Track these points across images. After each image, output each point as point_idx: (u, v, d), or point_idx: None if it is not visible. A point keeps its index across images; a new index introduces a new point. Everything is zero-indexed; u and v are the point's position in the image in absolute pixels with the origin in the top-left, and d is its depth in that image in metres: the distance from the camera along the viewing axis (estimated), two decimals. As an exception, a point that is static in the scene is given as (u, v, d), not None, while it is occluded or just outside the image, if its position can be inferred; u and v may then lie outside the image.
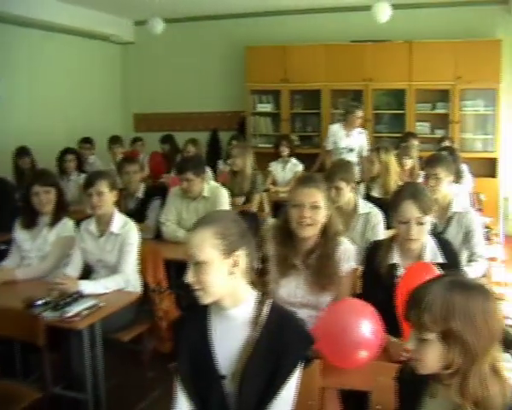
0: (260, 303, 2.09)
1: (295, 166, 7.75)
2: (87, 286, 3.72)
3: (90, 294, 3.64)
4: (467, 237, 4.09)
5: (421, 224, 2.94)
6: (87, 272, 4.20)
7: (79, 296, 3.55)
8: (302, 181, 3.14)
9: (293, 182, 7.26)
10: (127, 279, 3.98)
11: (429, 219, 3.00)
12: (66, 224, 4.30)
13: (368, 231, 4.18)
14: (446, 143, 7.16)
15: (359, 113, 7.59)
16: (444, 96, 8.69)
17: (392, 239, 3.12)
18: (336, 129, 7.72)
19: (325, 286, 3.00)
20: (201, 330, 2.14)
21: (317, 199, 2.99)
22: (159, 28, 9.00)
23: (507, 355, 2.60)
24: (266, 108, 9.60)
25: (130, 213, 5.31)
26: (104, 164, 8.00)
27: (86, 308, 3.42)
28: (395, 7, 7.74)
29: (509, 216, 8.74)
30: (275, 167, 7.83)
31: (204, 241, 2.00)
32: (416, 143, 7.22)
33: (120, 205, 4.73)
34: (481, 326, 1.63)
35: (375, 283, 2.98)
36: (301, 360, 2.08)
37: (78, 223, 4.33)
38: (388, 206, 3.22)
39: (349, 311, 2.64)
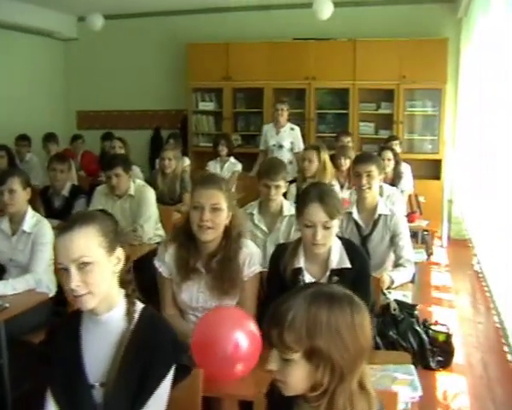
0: (131, 308, 2.02)
1: (234, 166, 7.58)
2: None
3: None
4: (393, 240, 3.94)
5: (328, 228, 2.77)
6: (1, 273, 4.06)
7: None
8: (202, 181, 2.96)
9: (232, 181, 7.32)
10: (39, 279, 3.85)
11: (336, 223, 2.83)
12: None
13: (292, 234, 3.97)
14: (395, 144, 7.03)
15: (280, 106, 7.56)
16: (388, 95, 8.57)
17: (298, 242, 2.95)
18: (267, 128, 7.76)
19: (227, 290, 2.87)
20: (73, 337, 2.04)
21: (217, 201, 2.84)
22: (98, 24, 8.78)
23: (410, 367, 2.48)
24: (208, 106, 9.42)
25: (57, 212, 5.26)
26: (42, 161, 7.76)
27: None
28: (337, 4, 7.57)
29: (453, 219, 8.66)
30: (213, 167, 7.65)
31: (89, 240, 1.92)
32: (348, 139, 7.27)
33: (36, 203, 4.51)
34: (348, 341, 1.47)
35: (280, 287, 2.78)
36: (170, 367, 2.00)
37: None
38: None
39: (221, 322, 2.44)
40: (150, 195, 5.15)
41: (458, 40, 8.47)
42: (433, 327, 4.56)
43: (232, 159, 7.68)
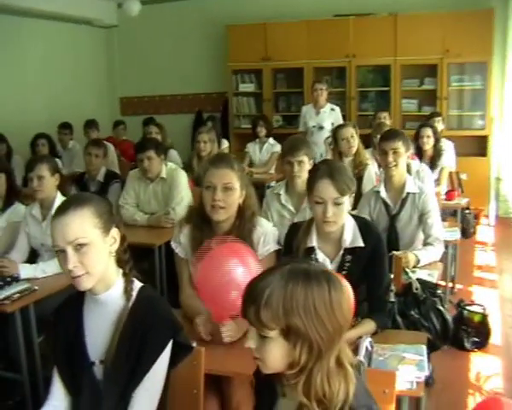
0: (128, 286, 2.05)
1: (273, 147, 7.55)
2: (26, 270, 3.75)
3: (27, 277, 3.67)
4: (422, 218, 3.84)
5: (339, 205, 2.70)
6: (34, 257, 4.19)
7: (13, 280, 3.60)
8: (213, 161, 2.94)
9: (271, 162, 7.30)
10: (67, 262, 3.90)
11: (348, 200, 2.75)
12: (17, 209, 4.31)
13: None
14: (437, 121, 6.88)
15: (319, 85, 7.47)
16: (432, 71, 8.36)
17: (311, 221, 2.90)
18: (306, 109, 7.67)
19: None
20: (76, 316, 2.10)
21: (229, 180, 2.82)
22: (135, 9, 8.86)
23: (422, 347, 2.43)
24: (249, 88, 9.40)
25: (92, 197, 5.31)
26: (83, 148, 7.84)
27: (18, 292, 3.46)
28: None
29: (501, 197, 8.42)
30: (252, 148, 7.65)
31: (84, 221, 1.94)
32: (385, 115, 7.21)
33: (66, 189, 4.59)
34: (326, 319, 1.43)
35: None
36: (166, 345, 2.02)
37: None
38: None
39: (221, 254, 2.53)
40: (182, 178, 5.15)
41: (505, 10, 8.14)
42: (468, 307, 4.48)
43: (271, 140, 7.65)
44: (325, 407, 1.44)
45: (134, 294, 2.05)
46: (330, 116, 7.46)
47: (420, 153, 6.03)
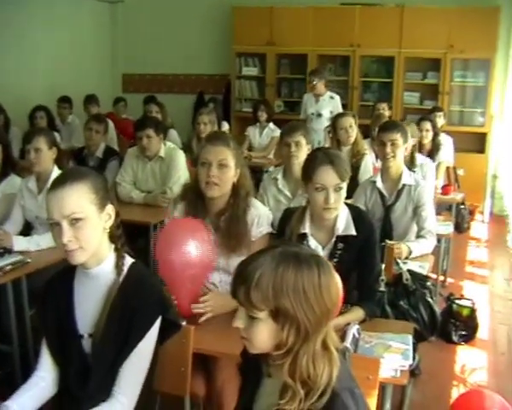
0: (120, 261, 2.07)
1: (273, 132, 7.53)
2: (20, 242, 3.75)
3: (21, 250, 3.67)
4: (416, 210, 3.87)
5: (339, 190, 2.72)
6: (29, 229, 4.19)
7: (6, 252, 3.61)
8: (210, 139, 2.97)
9: (270, 146, 7.31)
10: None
11: (345, 186, 2.77)
12: (12, 180, 4.28)
13: None
14: (438, 116, 6.91)
15: (311, 77, 7.45)
16: (435, 65, 8.35)
17: (305, 208, 2.92)
18: (307, 97, 7.66)
19: (234, 247, 2.85)
20: (67, 289, 2.12)
21: (224, 157, 2.84)
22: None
23: (408, 337, 2.46)
24: (252, 71, 9.35)
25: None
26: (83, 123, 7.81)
27: (10, 264, 3.46)
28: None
29: (497, 195, 8.45)
30: (252, 132, 7.66)
31: (81, 196, 1.94)
32: (383, 106, 7.31)
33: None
34: (314, 303, 1.46)
35: None
36: (154, 321, 2.04)
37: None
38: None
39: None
40: (180, 158, 5.16)
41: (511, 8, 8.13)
42: (457, 301, 4.53)
43: (271, 125, 7.65)
44: (309, 388, 1.46)
45: (125, 269, 2.07)
46: (329, 104, 7.44)
47: (418, 146, 6.04)
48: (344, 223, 2.81)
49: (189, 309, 2.57)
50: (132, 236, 4.55)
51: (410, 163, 4.94)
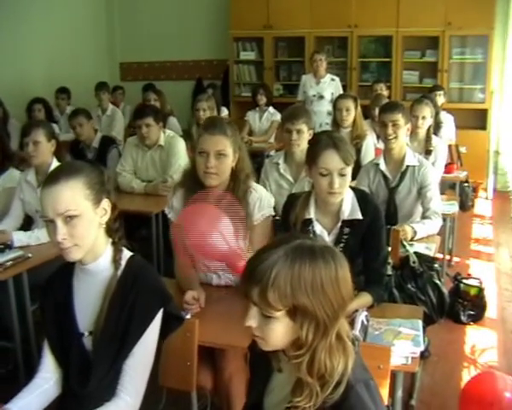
0: (117, 255, 2.03)
1: (272, 116, 7.49)
2: (20, 237, 3.72)
3: (21, 245, 3.64)
4: (421, 191, 3.83)
5: (344, 175, 2.67)
6: (29, 224, 4.15)
7: (6, 247, 3.57)
8: (207, 127, 2.88)
9: (270, 130, 7.25)
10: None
11: (350, 171, 2.72)
12: (11, 174, 4.26)
13: None
14: (438, 94, 6.85)
15: (318, 56, 7.39)
16: (433, 43, 8.26)
17: (309, 193, 2.87)
18: (306, 78, 7.60)
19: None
20: (66, 287, 2.08)
21: (222, 147, 2.78)
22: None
23: (418, 322, 2.42)
24: (250, 55, 9.29)
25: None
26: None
27: (11, 259, 3.43)
28: None
29: (499, 171, 8.39)
30: (252, 117, 7.60)
31: (75, 193, 1.89)
32: (381, 86, 7.31)
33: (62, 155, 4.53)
34: (332, 297, 1.40)
35: None
36: (155, 315, 2.00)
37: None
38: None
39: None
40: (180, 145, 5.10)
41: (508, -16, 8.03)
42: (464, 281, 4.49)
43: (271, 108, 7.60)
44: (325, 381, 1.42)
45: (123, 263, 2.03)
46: (330, 86, 7.39)
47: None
48: (349, 207, 2.77)
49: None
50: (134, 225, 4.57)
51: (427, 143, 4.93)
